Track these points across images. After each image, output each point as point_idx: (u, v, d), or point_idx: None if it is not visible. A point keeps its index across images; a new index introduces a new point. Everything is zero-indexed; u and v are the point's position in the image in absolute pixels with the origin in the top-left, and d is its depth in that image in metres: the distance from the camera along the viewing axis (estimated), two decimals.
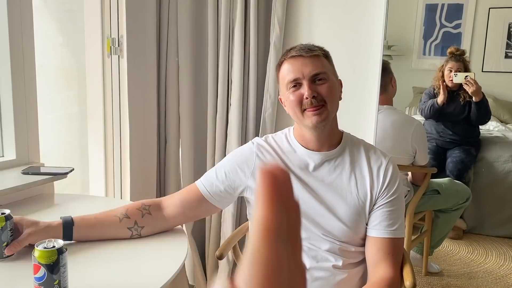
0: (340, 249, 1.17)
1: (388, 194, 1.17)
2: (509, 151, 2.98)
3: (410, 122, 2.18)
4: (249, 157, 1.21)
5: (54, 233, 1.07)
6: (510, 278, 2.48)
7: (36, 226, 1.07)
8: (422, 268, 2.47)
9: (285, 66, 1.18)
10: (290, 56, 1.17)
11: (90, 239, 1.14)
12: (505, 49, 4.18)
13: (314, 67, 1.14)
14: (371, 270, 1.15)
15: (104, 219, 1.16)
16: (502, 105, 3.94)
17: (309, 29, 1.84)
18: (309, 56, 1.15)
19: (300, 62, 1.14)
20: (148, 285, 0.97)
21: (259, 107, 1.92)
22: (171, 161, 2.02)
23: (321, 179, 1.18)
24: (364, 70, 1.78)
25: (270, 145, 1.23)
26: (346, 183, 1.17)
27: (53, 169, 1.51)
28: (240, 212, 1.97)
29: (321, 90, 1.14)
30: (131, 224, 1.16)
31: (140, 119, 1.91)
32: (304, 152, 1.19)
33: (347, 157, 1.19)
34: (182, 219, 1.24)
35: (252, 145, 1.24)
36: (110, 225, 1.15)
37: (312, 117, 1.13)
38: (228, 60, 1.89)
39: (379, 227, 1.15)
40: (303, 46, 1.17)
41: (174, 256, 1.10)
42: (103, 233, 1.15)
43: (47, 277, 0.88)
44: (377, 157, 1.20)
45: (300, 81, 1.14)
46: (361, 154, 1.20)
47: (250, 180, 1.20)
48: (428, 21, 4.36)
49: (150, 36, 1.91)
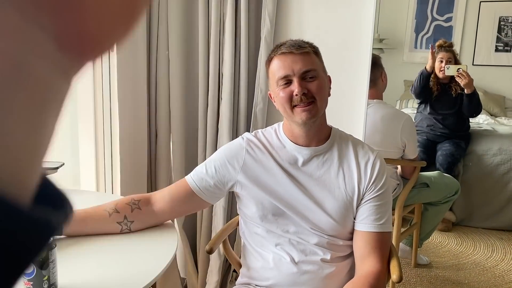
0: (328, 243, 1.19)
1: (375, 189, 1.18)
2: (497, 144, 3.01)
3: (400, 116, 2.20)
4: (239, 152, 1.22)
5: None
6: (497, 269, 2.53)
7: None
8: (412, 260, 2.51)
9: (275, 62, 1.18)
10: (280, 52, 1.17)
11: (80, 234, 1.15)
12: (495, 42, 4.20)
13: (304, 64, 1.15)
14: (359, 263, 1.17)
15: (93, 213, 1.17)
16: (492, 98, 3.98)
17: (300, 24, 1.85)
18: (299, 53, 1.15)
19: (291, 59, 1.15)
20: (139, 278, 0.98)
21: (250, 101, 1.93)
22: (162, 156, 2.02)
23: (309, 174, 1.20)
24: (354, 65, 1.79)
25: (260, 140, 1.24)
26: (334, 178, 1.19)
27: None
28: (231, 206, 1.98)
29: (311, 87, 1.15)
30: (120, 219, 1.17)
31: (130, 113, 1.91)
32: (293, 147, 1.21)
33: (336, 152, 1.21)
34: (171, 214, 1.25)
35: (242, 140, 1.25)
36: (100, 219, 1.16)
37: (301, 114, 1.14)
38: (219, 55, 1.89)
39: (366, 221, 1.17)
40: (293, 43, 1.18)
41: (165, 250, 1.11)
42: (93, 227, 1.16)
43: (36, 273, 0.89)
44: (364, 152, 1.22)
45: (290, 78, 1.15)
46: (349, 149, 1.21)
47: (239, 175, 1.21)
48: (420, 15, 4.37)
49: (140, 29, 1.90)
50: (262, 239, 1.22)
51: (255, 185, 1.19)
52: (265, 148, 1.22)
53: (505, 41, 4.36)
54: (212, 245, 1.31)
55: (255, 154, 1.22)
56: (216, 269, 1.96)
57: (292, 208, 1.18)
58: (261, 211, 1.19)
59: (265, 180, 1.19)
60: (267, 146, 1.23)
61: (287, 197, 1.19)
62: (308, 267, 1.18)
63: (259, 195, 1.19)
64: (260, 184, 1.19)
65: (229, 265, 2.05)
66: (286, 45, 1.17)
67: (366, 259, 1.16)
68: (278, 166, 1.20)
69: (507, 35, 4.19)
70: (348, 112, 1.82)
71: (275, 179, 1.19)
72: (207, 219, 1.99)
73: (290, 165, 1.20)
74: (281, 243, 1.20)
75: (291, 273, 1.18)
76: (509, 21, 4.21)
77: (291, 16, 1.86)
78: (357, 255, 1.19)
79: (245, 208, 1.24)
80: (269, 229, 1.20)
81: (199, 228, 2.04)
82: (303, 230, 1.19)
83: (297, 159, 1.20)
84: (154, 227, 1.25)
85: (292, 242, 1.20)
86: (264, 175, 1.20)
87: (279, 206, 1.18)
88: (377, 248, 1.16)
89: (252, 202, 1.20)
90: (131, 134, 1.91)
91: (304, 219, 1.18)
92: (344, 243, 1.21)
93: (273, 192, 1.19)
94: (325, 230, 1.18)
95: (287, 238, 1.20)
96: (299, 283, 1.18)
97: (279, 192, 1.19)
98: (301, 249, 1.19)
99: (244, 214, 1.25)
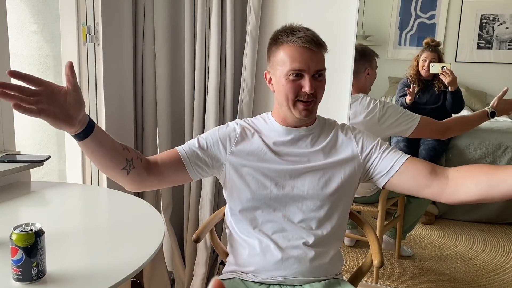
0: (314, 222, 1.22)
1: (373, 142, 1.25)
2: (478, 139, 3.09)
3: (374, 106, 2.21)
4: (232, 133, 1.26)
5: (82, 112, 0.99)
6: (477, 260, 2.59)
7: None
8: (395, 252, 2.55)
9: (289, 49, 1.17)
10: (297, 43, 1.15)
11: (97, 147, 1.05)
12: (477, 40, 4.28)
13: (319, 64, 1.18)
14: (434, 177, 1.16)
15: (112, 139, 1.10)
16: (474, 94, 4.05)
17: (285, 18, 1.87)
18: (317, 51, 1.17)
19: (308, 55, 1.15)
20: (127, 265, 0.99)
21: (236, 95, 1.95)
22: (148, 149, 2.03)
23: (299, 153, 1.24)
24: (337, 60, 1.83)
25: (251, 126, 1.29)
26: (323, 155, 1.24)
27: (29, 157, 1.51)
28: (218, 198, 2.00)
29: (318, 87, 1.19)
30: (129, 157, 1.11)
31: (116, 107, 1.91)
32: (283, 130, 1.25)
33: (323, 132, 1.28)
34: (159, 177, 1.20)
35: (236, 125, 1.29)
36: (114, 147, 1.09)
37: (302, 111, 1.19)
38: (205, 49, 1.91)
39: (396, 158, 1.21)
40: (312, 37, 1.16)
41: (152, 237, 1.13)
42: (108, 148, 1.07)
43: (25, 260, 0.90)
44: (341, 126, 1.31)
45: (303, 73, 1.17)
46: (331, 127, 1.30)
47: (230, 157, 1.23)
48: (404, 12, 4.43)
49: (126, 24, 1.91)
50: (248, 226, 1.24)
51: (245, 166, 1.22)
52: (256, 131, 1.27)
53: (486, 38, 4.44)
54: (199, 234, 1.33)
55: (246, 137, 1.26)
56: (203, 261, 1.98)
57: (280, 186, 1.21)
58: (248, 192, 1.22)
59: (255, 161, 1.22)
60: (257, 129, 1.28)
61: (276, 176, 1.22)
62: (293, 251, 1.21)
63: (248, 176, 1.22)
64: (249, 165, 1.22)
65: (216, 257, 2.07)
66: (305, 37, 1.16)
67: (438, 168, 1.17)
68: (268, 147, 1.24)
69: (489, 32, 4.27)
70: (333, 106, 1.85)
71: (265, 160, 1.22)
72: (194, 212, 2.01)
73: (280, 146, 1.24)
74: (267, 228, 1.22)
75: (277, 258, 1.20)
76: (490, 19, 4.29)
77: (276, 10, 1.89)
78: (427, 174, 1.16)
79: (233, 192, 1.25)
80: (255, 214, 1.23)
81: (186, 221, 2.06)
82: (289, 210, 1.22)
83: (287, 139, 1.25)
84: (140, 216, 1.26)
85: (278, 226, 1.22)
86: (254, 156, 1.23)
87: (267, 185, 1.21)
88: (428, 164, 1.18)
89: (240, 183, 1.22)
90: (118, 128, 1.92)
91: (292, 198, 1.21)
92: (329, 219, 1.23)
93: (262, 171, 1.22)
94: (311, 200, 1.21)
95: (273, 222, 1.22)
96: (284, 267, 1.21)
97: (268, 171, 1.22)
98: (286, 234, 1.22)
99: (231, 198, 1.27)
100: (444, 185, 1.13)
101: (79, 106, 0.97)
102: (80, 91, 0.97)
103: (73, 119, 0.96)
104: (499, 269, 2.50)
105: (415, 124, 2.20)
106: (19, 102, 0.88)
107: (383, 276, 2.37)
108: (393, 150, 1.24)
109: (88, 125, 1.01)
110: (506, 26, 4.01)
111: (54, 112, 0.93)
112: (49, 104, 0.92)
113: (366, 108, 2.21)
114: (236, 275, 1.27)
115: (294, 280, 1.21)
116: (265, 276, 1.22)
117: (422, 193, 1.17)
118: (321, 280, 1.23)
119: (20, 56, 1.90)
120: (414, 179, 1.17)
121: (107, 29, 1.83)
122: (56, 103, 0.93)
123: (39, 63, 1.99)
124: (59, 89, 0.94)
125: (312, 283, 1.22)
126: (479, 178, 1.08)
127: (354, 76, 2.09)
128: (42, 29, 1.98)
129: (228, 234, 1.33)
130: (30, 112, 0.89)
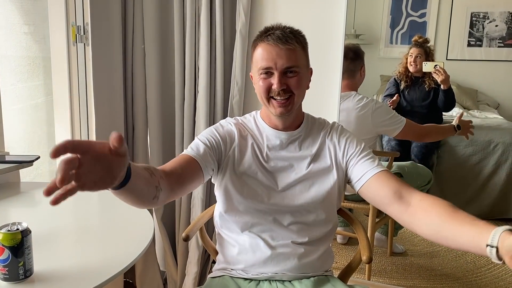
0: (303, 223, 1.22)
1: (356, 149, 1.23)
2: (469, 136, 3.10)
3: (367, 103, 2.27)
4: (231, 133, 1.25)
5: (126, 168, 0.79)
6: (469, 255, 2.61)
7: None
8: (387, 249, 2.57)
9: (259, 50, 1.18)
10: (267, 42, 1.16)
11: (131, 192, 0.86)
12: (468, 37, 4.31)
13: (288, 60, 1.15)
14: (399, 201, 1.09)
15: (141, 169, 0.91)
16: (464, 92, 4.08)
17: (274, 17, 1.88)
18: (285, 48, 1.15)
19: (276, 52, 1.15)
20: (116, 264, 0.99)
21: (227, 94, 1.95)
22: (139, 149, 2.03)
23: (289, 157, 1.24)
24: (326, 57, 1.83)
25: (244, 127, 1.29)
26: (311, 161, 1.24)
27: (19, 157, 1.51)
28: (209, 197, 2.00)
29: (291, 83, 1.18)
30: (156, 183, 0.96)
31: (106, 107, 1.91)
32: (272, 133, 1.26)
33: (312, 133, 1.27)
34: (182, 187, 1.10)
35: (231, 126, 1.27)
36: (146, 181, 0.92)
37: (277, 108, 1.19)
38: (195, 48, 1.91)
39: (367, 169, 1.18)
40: (281, 35, 1.15)
41: (142, 236, 1.13)
42: (141, 186, 0.89)
43: (11, 259, 0.90)
44: (328, 127, 1.29)
45: (272, 70, 1.17)
46: (320, 128, 1.29)
47: (228, 160, 1.23)
48: (395, 10, 4.45)
49: (116, 23, 1.91)
50: (237, 227, 1.25)
51: (240, 173, 1.22)
52: (249, 134, 1.27)
53: (477, 36, 4.47)
54: (188, 232, 1.33)
55: (243, 140, 1.25)
56: (195, 260, 1.98)
57: (272, 196, 1.22)
58: (240, 198, 1.22)
59: (249, 169, 1.22)
60: (250, 132, 1.28)
61: (268, 186, 1.22)
62: (282, 249, 1.21)
63: (241, 183, 1.22)
64: (244, 172, 1.22)
65: (208, 256, 2.08)
66: (274, 35, 1.15)
67: (403, 192, 1.09)
68: (261, 154, 1.24)
69: (479, 30, 4.30)
70: (322, 104, 1.86)
71: (259, 167, 1.23)
72: (185, 211, 2.01)
73: (270, 149, 1.24)
74: (256, 229, 1.23)
75: (266, 255, 1.21)
76: (480, 17, 4.32)
77: (266, 9, 1.89)
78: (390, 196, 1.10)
79: (225, 195, 1.24)
80: (244, 217, 1.23)
81: (178, 220, 2.06)
82: (279, 215, 1.22)
83: (276, 143, 1.25)
84: (129, 214, 1.27)
85: (267, 228, 1.23)
86: (249, 164, 1.23)
87: (259, 193, 1.21)
88: (398, 183, 1.11)
89: (232, 188, 1.22)
90: (108, 128, 1.92)
91: (282, 206, 1.22)
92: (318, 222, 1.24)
93: (255, 179, 1.22)
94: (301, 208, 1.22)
95: (263, 225, 1.23)
96: (273, 264, 1.21)
97: (261, 181, 1.22)
98: (276, 235, 1.22)
99: (221, 199, 1.26)
100: (404, 211, 1.08)
101: (123, 166, 0.77)
102: (127, 151, 0.77)
103: (115, 180, 0.78)
104: (489, 264, 2.52)
105: (401, 126, 2.28)
106: (60, 198, 0.69)
107: (375, 273, 2.38)
108: (371, 159, 1.20)
109: (126, 174, 0.81)
110: (496, 24, 4.03)
111: (95, 181, 0.73)
112: (91, 172, 0.72)
113: (359, 103, 2.24)
114: (226, 272, 1.27)
115: (283, 276, 1.22)
116: (254, 272, 1.23)
117: (385, 210, 1.13)
118: (310, 276, 1.24)
119: (9, 57, 1.90)
120: (377, 195, 1.14)
121: (97, 29, 1.82)
122: (99, 169, 0.73)
123: (29, 63, 1.98)
124: (104, 152, 0.73)
125: (301, 279, 1.23)
126: (433, 221, 0.99)
127: (351, 74, 2.13)
128: (34, 30, 1.98)
129: (217, 233, 1.33)
130: (71, 194, 0.71)
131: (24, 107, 1.98)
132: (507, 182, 3.07)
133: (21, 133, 1.95)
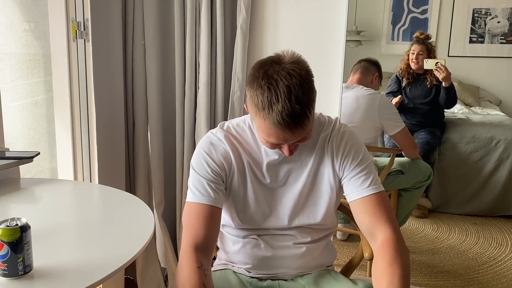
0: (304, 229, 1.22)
1: (355, 162, 1.16)
2: (471, 132, 3.10)
3: (375, 96, 2.34)
4: (227, 156, 1.16)
5: None
6: (470, 252, 2.61)
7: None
8: None
9: (266, 124, 1.02)
10: (273, 122, 1.00)
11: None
12: (470, 34, 4.29)
13: (298, 136, 1.05)
14: (370, 238, 1.13)
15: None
16: (466, 88, 4.07)
17: (275, 12, 1.87)
18: (297, 131, 1.03)
19: (288, 135, 1.03)
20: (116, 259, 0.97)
21: (227, 90, 1.94)
22: (139, 145, 2.03)
23: (288, 169, 1.19)
24: (327, 54, 1.82)
25: (234, 137, 1.18)
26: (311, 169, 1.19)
27: (19, 153, 1.50)
28: None
29: (301, 142, 1.09)
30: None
31: (107, 103, 1.90)
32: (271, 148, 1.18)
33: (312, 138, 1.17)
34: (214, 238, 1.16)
35: (223, 145, 1.16)
36: None
37: (287, 152, 1.10)
38: (195, 44, 1.90)
39: (353, 190, 1.15)
40: (291, 116, 0.99)
41: (142, 232, 1.12)
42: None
43: (11, 255, 0.89)
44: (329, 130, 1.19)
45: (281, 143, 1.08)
46: (319, 130, 1.19)
47: (230, 178, 1.18)
48: (396, 7, 4.44)
49: (116, 19, 1.90)
50: (237, 231, 1.24)
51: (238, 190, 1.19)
52: (240, 146, 1.18)
53: (479, 32, 4.45)
54: None
55: (236, 155, 1.17)
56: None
57: (273, 216, 1.21)
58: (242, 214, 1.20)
59: (247, 186, 1.18)
60: (243, 143, 1.18)
61: (265, 202, 1.20)
62: (283, 251, 1.21)
63: (244, 199, 1.19)
64: (243, 190, 1.19)
65: None
66: (282, 116, 0.99)
67: (374, 229, 1.10)
68: (256, 167, 1.18)
69: (481, 26, 4.28)
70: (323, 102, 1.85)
71: (255, 184, 1.19)
72: None
73: (268, 166, 1.18)
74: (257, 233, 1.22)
75: (267, 256, 1.21)
76: (482, 13, 4.30)
77: (267, 4, 1.88)
78: (363, 229, 1.14)
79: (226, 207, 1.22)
80: (244, 224, 1.22)
81: (179, 217, 2.05)
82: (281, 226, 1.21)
83: (275, 158, 1.18)
84: (130, 210, 1.26)
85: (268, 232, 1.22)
86: (245, 179, 1.18)
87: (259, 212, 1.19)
88: (377, 213, 1.10)
89: (231, 204, 1.21)
90: (108, 124, 1.91)
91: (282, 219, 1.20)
92: (319, 227, 1.23)
93: (254, 196, 1.19)
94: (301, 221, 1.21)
95: (264, 229, 1.22)
96: (275, 266, 1.21)
97: (259, 197, 1.19)
98: (277, 238, 1.22)
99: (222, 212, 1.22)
100: (372, 245, 1.13)
101: None
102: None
103: None
104: (491, 261, 2.51)
105: (401, 127, 2.40)
106: None
107: None
108: (364, 176, 1.14)
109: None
110: (498, 20, 4.01)
111: None
112: None
113: (368, 91, 2.35)
114: (228, 267, 1.27)
115: (285, 275, 1.22)
116: (255, 273, 1.23)
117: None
118: (312, 272, 1.24)
119: (10, 54, 1.89)
120: (356, 218, 1.17)
121: (97, 24, 1.81)
122: None
123: (29, 60, 1.97)
124: None
125: (303, 276, 1.23)
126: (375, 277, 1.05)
127: (365, 72, 2.23)
128: (35, 27, 1.97)
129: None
130: None
131: (25, 104, 1.97)
132: (509, 179, 3.06)
133: (21, 129, 1.95)
